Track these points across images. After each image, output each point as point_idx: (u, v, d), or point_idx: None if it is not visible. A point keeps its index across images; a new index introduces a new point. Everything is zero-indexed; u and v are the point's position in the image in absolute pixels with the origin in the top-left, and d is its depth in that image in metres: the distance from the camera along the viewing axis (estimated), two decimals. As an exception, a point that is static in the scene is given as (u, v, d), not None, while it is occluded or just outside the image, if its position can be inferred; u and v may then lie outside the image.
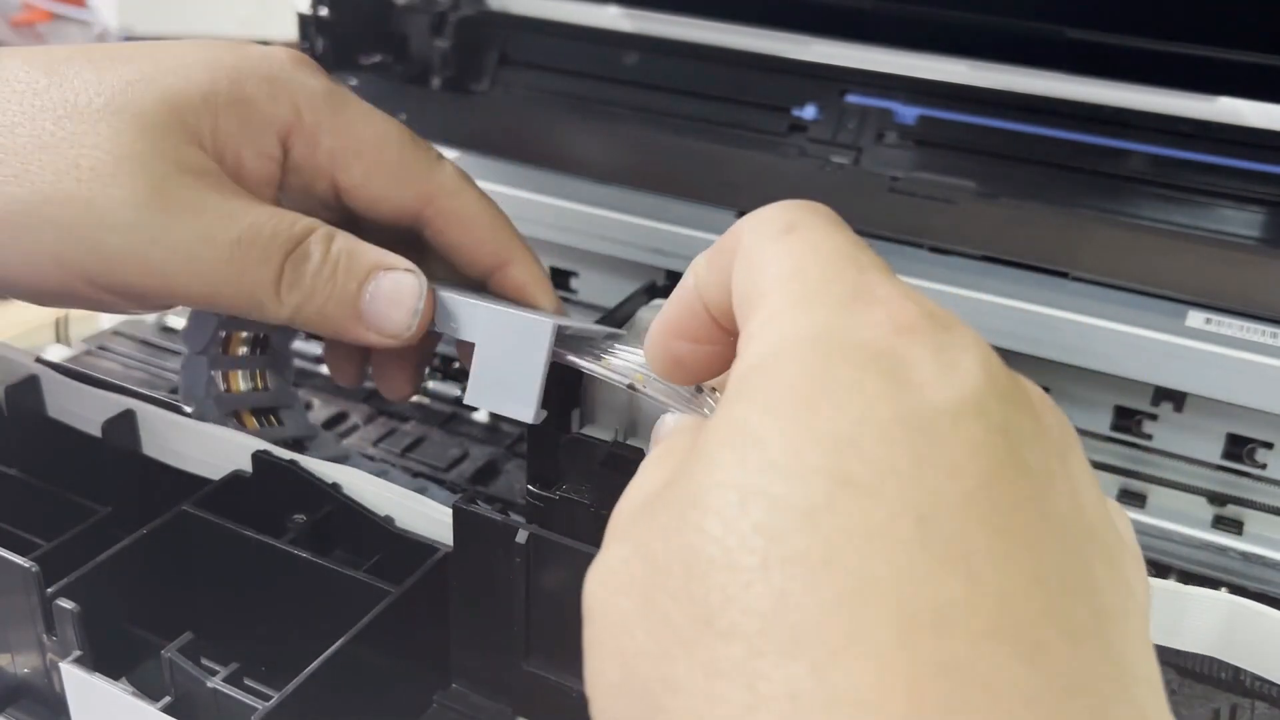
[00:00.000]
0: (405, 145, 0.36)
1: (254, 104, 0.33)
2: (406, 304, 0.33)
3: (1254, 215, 0.50)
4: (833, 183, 0.53)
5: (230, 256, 0.31)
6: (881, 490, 0.17)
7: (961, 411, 0.18)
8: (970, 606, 0.16)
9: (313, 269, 0.32)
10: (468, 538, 0.32)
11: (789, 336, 0.19)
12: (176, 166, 0.31)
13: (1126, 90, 0.52)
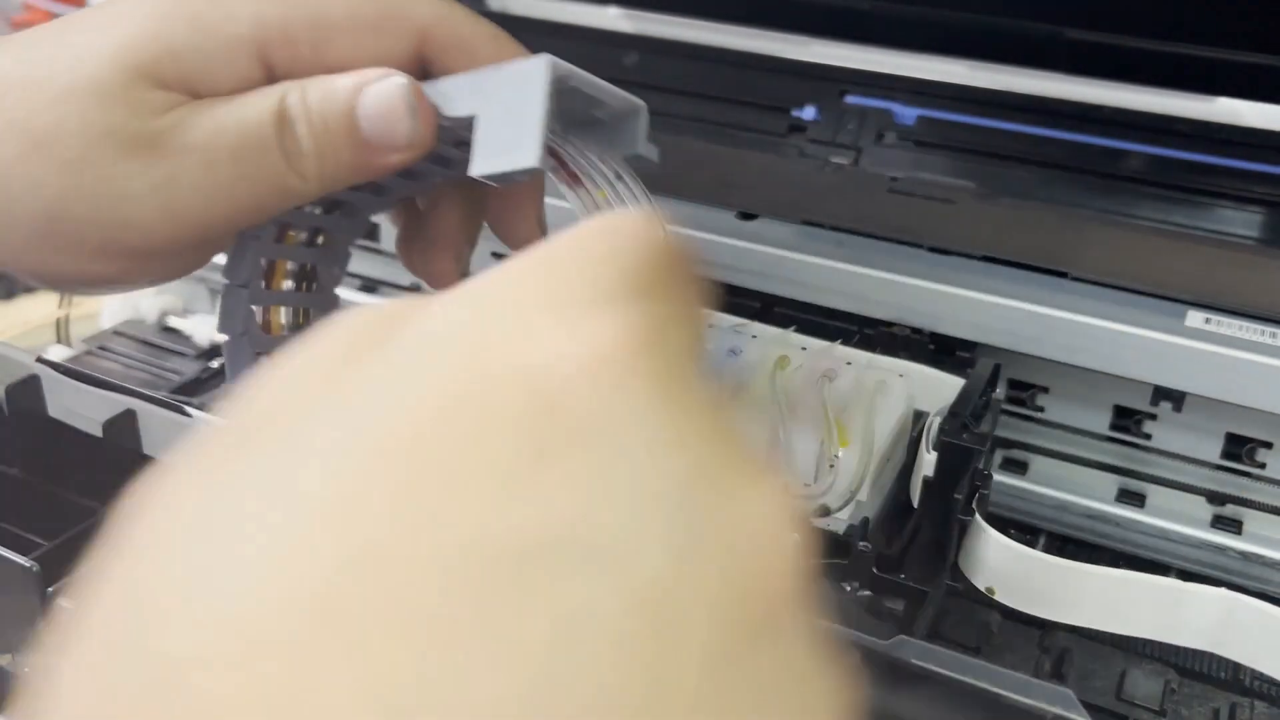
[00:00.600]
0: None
1: (212, 29, 0.32)
2: (398, 109, 0.32)
3: (1253, 215, 0.50)
4: (832, 183, 0.53)
5: (236, 170, 0.31)
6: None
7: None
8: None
9: (303, 129, 0.32)
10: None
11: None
12: (148, 115, 0.31)
13: (1126, 91, 0.52)
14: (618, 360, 0.16)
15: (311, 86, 0.32)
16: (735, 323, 0.43)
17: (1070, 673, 0.37)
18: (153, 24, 0.32)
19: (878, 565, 0.34)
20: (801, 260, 0.45)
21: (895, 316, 0.44)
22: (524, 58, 0.31)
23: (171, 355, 0.55)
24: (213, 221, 0.32)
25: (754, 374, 0.40)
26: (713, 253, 0.46)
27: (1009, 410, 0.46)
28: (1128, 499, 0.45)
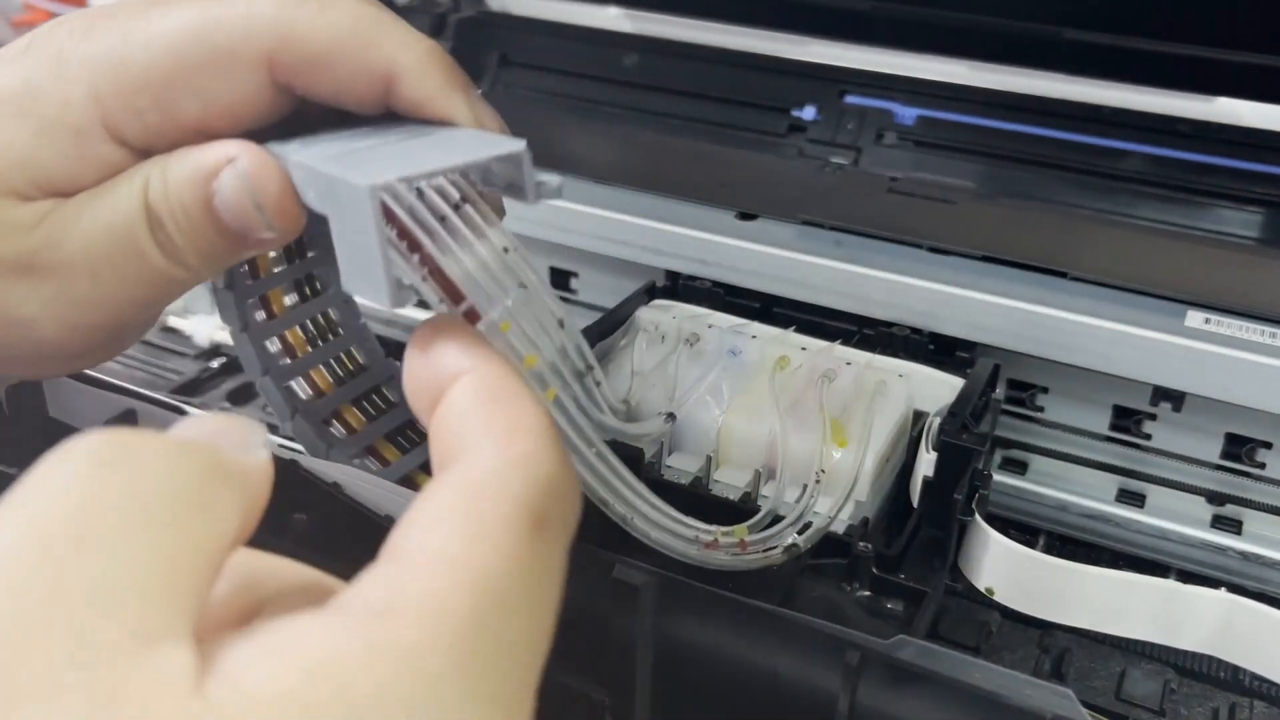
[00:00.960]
0: (202, 30, 0.29)
1: (54, 126, 0.29)
2: (240, 201, 0.28)
3: (1253, 215, 0.50)
4: (832, 183, 0.53)
5: (119, 278, 0.30)
6: None
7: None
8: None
9: (172, 228, 0.29)
10: (468, 537, 0.32)
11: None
12: (20, 235, 0.29)
13: (1125, 91, 0.52)
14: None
15: (171, 174, 0.29)
16: (735, 323, 0.43)
17: (1070, 672, 0.37)
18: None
19: (877, 565, 0.34)
20: (801, 260, 0.45)
21: (895, 317, 0.44)
22: (351, 175, 0.25)
23: (171, 355, 0.55)
24: (113, 323, 0.31)
25: (754, 374, 0.40)
26: (713, 253, 0.46)
27: (1008, 410, 0.46)
28: (1127, 499, 0.45)
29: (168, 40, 0.29)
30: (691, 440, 0.38)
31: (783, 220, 0.47)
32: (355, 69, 0.29)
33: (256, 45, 0.29)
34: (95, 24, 0.30)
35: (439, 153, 0.27)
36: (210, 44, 0.29)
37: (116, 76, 0.29)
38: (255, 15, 0.29)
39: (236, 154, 0.28)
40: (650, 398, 0.39)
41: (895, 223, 0.47)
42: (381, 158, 0.27)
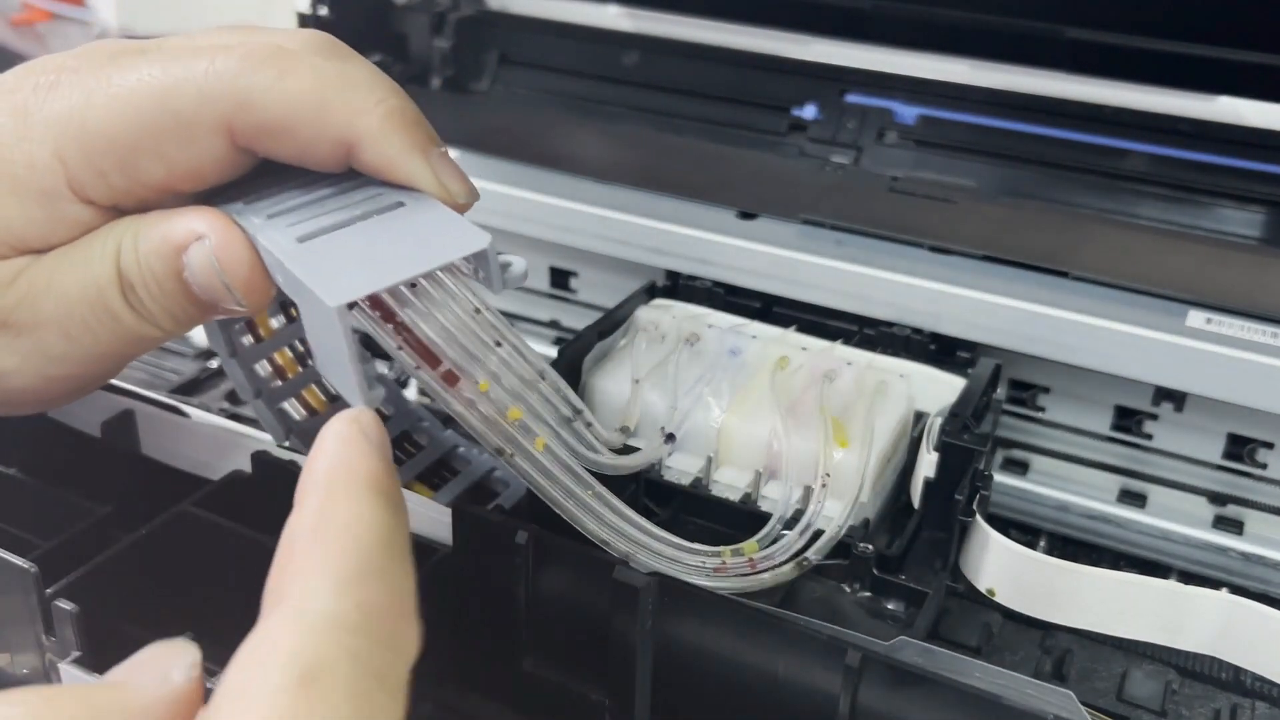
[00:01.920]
0: (164, 97, 0.28)
1: (22, 186, 0.29)
2: (209, 277, 0.29)
3: (1254, 215, 0.50)
4: (833, 182, 0.53)
5: (94, 338, 0.30)
6: None
7: None
8: None
9: (144, 294, 0.30)
10: (467, 538, 0.32)
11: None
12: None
13: (1126, 90, 0.52)
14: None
15: (141, 244, 0.29)
16: (735, 323, 0.43)
17: (1071, 673, 0.37)
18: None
19: (878, 566, 0.34)
20: (802, 260, 0.45)
21: (896, 316, 0.44)
22: (320, 286, 0.26)
23: (170, 355, 0.55)
24: (85, 374, 0.31)
25: (754, 374, 0.40)
26: (713, 252, 0.46)
27: (1010, 410, 0.46)
28: (1129, 499, 0.45)
29: (128, 105, 0.28)
30: (691, 441, 0.38)
31: (783, 220, 0.47)
32: (314, 135, 0.29)
33: (215, 111, 0.28)
34: (60, 79, 0.29)
35: (405, 247, 0.27)
36: (170, 110, 0.28)
37: (80, 139, 0.29)
38: (214, 81, 0.28)
39: (204, 232, 0.29)
40: (650, 399, 0.39)
41: (896, 222, 0.47)
42: (347, 255, 0.27)
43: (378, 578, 0.22)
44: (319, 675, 0.20)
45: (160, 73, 0.29)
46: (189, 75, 0.28)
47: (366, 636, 0.21)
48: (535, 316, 0.53)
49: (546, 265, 0.52)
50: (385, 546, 0.23)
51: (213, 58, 0.28)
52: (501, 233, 0.51)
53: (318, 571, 0.22)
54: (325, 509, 0.23)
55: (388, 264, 0.26)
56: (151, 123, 0.28)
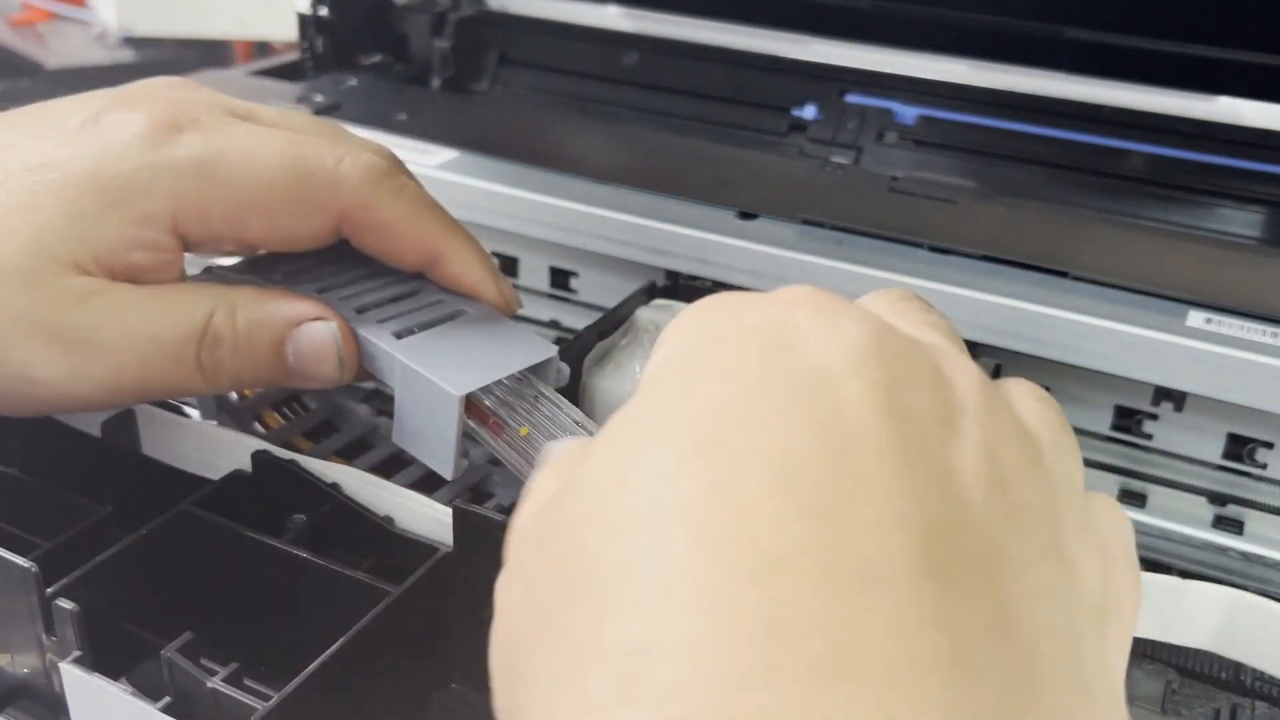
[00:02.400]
0: (298, 175, 0.33)
1: (126, 205, 0.32)
2: (328, 357, 0.33)
3: (1254, 215, 0.50)
4: (833, 183, 0.53)
5: (144, 375, 0.32)
6: (743, 448, 0.17)
7: (836, 370, 0.18)
8: (812, 552, 0.16)
9: (228, 351, 0.33)
10: (468, 537, 0.32)
11: (678, 341, 0.20)
12: (61, 305, 0.31)
13: (1126, 90, 0.52)
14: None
15: (242, 310, 0.33)
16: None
17: (1071, 673, 0.37)
18: (65, 203, 0.31)
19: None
20: (802, 260, 0.45)
21: (896, 316, 0.44)
22: (439, 377, 0.32)
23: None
24: (115, 400, 0.33)
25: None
26: (713, 253, 0.46)
27: (1009, 410, 0.46)
28: (1129, 499, 0.45)
29: (263, 173, 0.32)
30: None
31: (783, 220, 0.47)
32: (409, 243, 0.35)
33: (339, 202, 0.33)
34: (180, 126, 0.32)
35: (491, 349, 0.34)
36: (301, 189, 0.33)
37: (203, 186, 0.32)
38: (343, 178, 0.33)
39: (328, 318, 0.33)
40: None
41: (896, 222, 0.47)
42: (446, 352, 0.33)
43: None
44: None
45: (295, 155, 0.33)
46: (323, 165, 0.33)
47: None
48: (536, 316, 0.53)
49: (546, 265, 0.52)
50: None
51: (343, 157, 0.33)
52: (502, 233, 0.51)
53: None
54: None
55: (485, 363, 0.33)
56: (280, 192, 0.33)
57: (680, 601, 0.16)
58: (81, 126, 0.32)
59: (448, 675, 0.34)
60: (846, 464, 0.17)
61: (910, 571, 0.16)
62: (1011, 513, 0.18)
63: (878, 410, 0.18)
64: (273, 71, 0.66)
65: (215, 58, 1.02)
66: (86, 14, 1.07)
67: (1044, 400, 0.22)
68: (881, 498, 0.17)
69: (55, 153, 0.32)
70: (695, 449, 0.17)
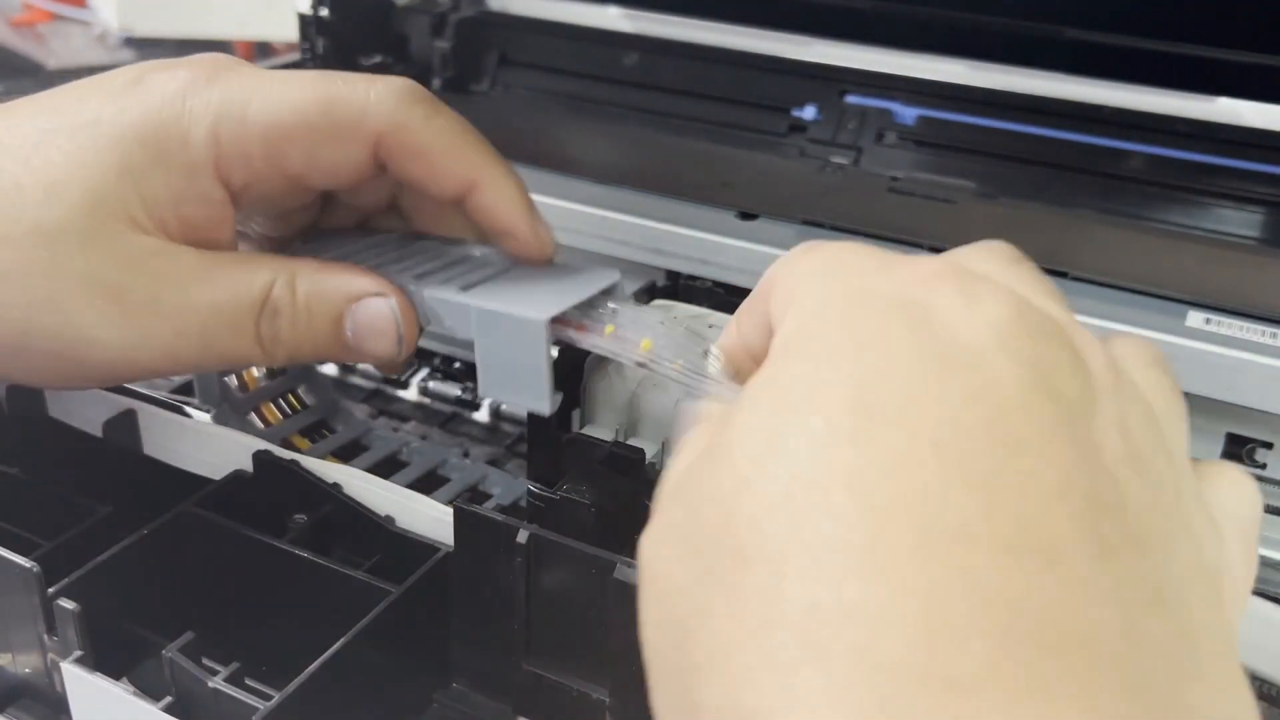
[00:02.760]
0: (329, 102, 0.33)
1: (170, 156, 0.32)
2: (387, 332, 0.33)
3: (1254, 215, 0.50)
4: (832, 183, 0.53)
5: (204, 343, 0.32)
6: (901, 419, 0.18)
7: (984, 346, 0.19)
8: (986, 522, 0.17)
9: (286, 322, 0.33)
10: (468, 537, 0.32)
11: (819, 301, 0.20)
12: (122, 265, 0.31)
13: (1126, 90, 0.52)
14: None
15: (302, 281, 0.33)
16: (735, 323, 0.43)
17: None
18: (116, 157, 0.31)
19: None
20: (802, 260, 0.45)
21: (895, 317, 0.44)
22: (519, 311, 0.32)
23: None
24: (171, 368, 0.33)
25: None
26: (713, 253, 0.46)
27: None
28: (1128, 499, 0.45)
29: (295, 103, 0.32)
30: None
31: (783, 221, 0.47)
32: (447, 168, 0.34)
33: (372, 126, 0.33)
34: (217, 73, 0.33)
35: (561, 284, 0.33)
36: (333, 115, 0.32)
37: (238, 125, 0.32)
38: (375, 102, 0.33)
39: (384, 291, 0.33)
40: (650, 399, 0.39)
41: (895, 222, 0.47)
42: (516, 294, 0.33)
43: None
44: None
45: (325, 86, 0.33)
46: (354, 93, 0.33)
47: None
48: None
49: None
50: None
51: (374, 83, 0.33)
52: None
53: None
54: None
55: (557, 294, 0.33)
56: (313, 121, 0.32)
57: (860, 567, 0.16)
58: (126, 85, 0.33)
59: (449, 674, 0.34)
60: (1005, 437, 0.17)
61: (1080, 544, 0.17)
62: (1151, 489, 0.19)
63: (1030, 387, 0.18)
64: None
65: (216, 58, 1.02)
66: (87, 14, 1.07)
67: (1157, 365, 0.23)
68: (1043, 471, 0.17)
69: (101, 109, 0.32)
70: (851, 418, 0.18)
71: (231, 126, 0.32)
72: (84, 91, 0.33)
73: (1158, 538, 0.18)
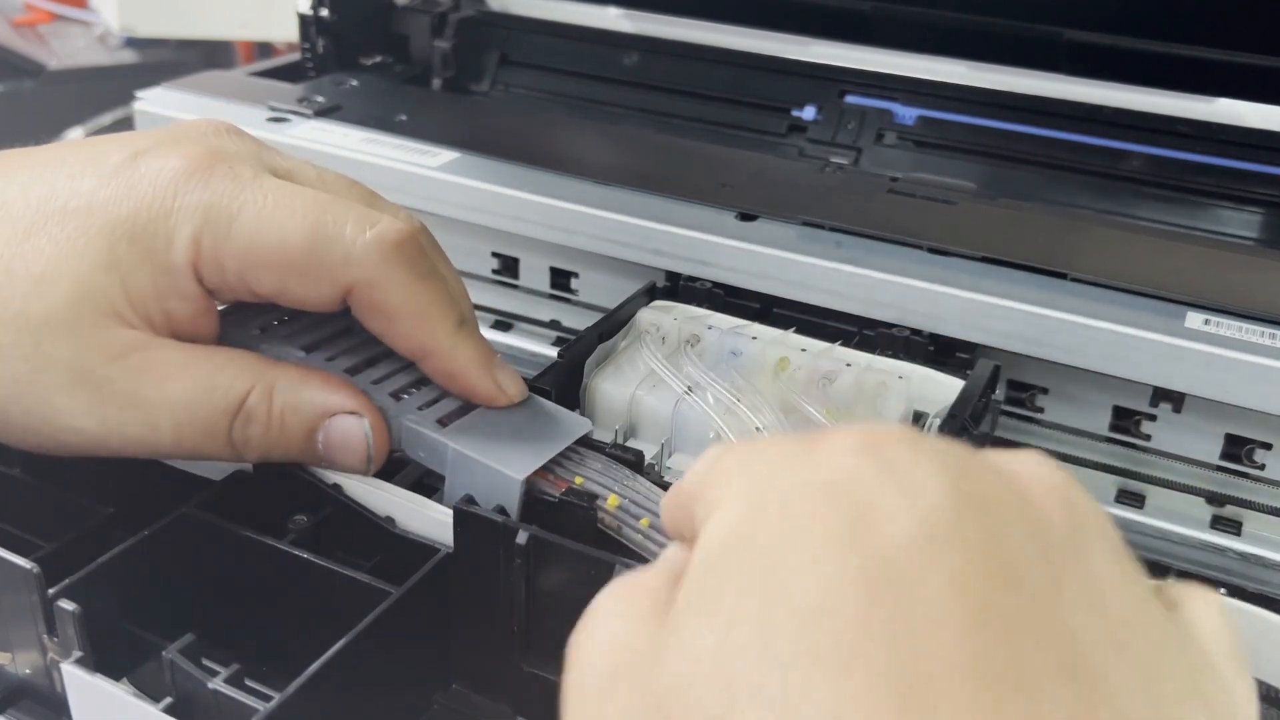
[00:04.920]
0: (313, 241, 0.32)
1: (155, 254, 0.32)
2: (357, 450, 0.34)
3: (1253, 216, 0.50)
4: (832, 183, 0.53)
5: (176, 438, 0.32)
6: (855, 665, 0.16)
7: (930, 543, 0.17)
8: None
9: (259, 429, 0.33)
10: (468, 539, 0.32)
11: (747, 492, 0.19)
12: (104, 358, 0.31)
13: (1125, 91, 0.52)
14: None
15: (279, 392, 0.33)
16: (735, 324, 0.43)
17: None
18: (104, 251, 0.31)
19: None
20: (801, 261, 0.45)
21: (895, 318, 0.44)
22: (498, 464, 0.32)
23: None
24: (144, 456, 0.34)
25: (754, 376, 0.40)
26: (713, 254, 0.46)
27: (1008, 411, 0.46)
28: (1127, 499, 0.45)
29: (280, 233, 0.32)
30: (692, 442, 0.38)
31: (783, 221, 0.48)
32: (405, 334, 0.34)
33: (351, 276, 0.32)
34: (213, 169, 0.32)
35: (536, 428, 0.35)
36: (315, 255, 0.32)
37: (221, 236, 0.32)
38: (359, 254, 0.32)
39: (362, 413, 0.33)
40: (650, 402, 0.39)
41: (895, 223, 0.47)
42: (493, 437, 0.34)
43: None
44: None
45: (316, 218, 0.32)
46: (340, 235, 0.32)
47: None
48: (536, 316, 0.54)
49: (547, 266, 0.53)
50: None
51: (364, 229, 0.32)
52: (503, 233, 0.51)
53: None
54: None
55: (533, 444, 0.34)
56: (291, 259, 0.32)
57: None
58: (119, 167, 0.32)
59: (449, 676, 0.34)
60: (963, 673, 0.16)
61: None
62: (1133, 659, 0.17)
63: (985, 588, 0.17)
64: (274, 72, 0.66)
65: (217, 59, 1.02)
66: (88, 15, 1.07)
67: (1069, 485, 0.21)
68: (1014, 702, 0.16)
69: (94, 195, 0.32)
70: (801, 676, 0.17)
71: (213, 237, 0.32)
72: (78, 167, 0.33)
73: (1145, 704, 0.17)
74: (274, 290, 0.33)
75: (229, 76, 0.64)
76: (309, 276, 0.32)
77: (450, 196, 0.51)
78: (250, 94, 0.59)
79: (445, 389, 0.35)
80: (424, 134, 0.54)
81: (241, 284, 0.33)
